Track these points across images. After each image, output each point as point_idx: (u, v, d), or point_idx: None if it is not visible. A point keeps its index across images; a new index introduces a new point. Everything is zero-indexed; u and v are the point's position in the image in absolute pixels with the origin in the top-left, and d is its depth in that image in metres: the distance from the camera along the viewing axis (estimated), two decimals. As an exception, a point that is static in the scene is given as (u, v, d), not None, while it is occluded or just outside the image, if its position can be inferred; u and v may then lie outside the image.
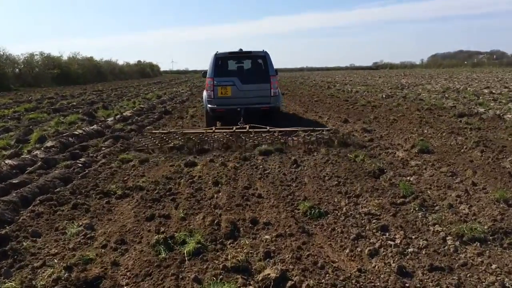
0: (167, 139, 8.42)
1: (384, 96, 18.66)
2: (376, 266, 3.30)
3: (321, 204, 4.70)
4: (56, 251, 3.67)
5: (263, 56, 10.38)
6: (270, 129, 8.93)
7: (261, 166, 6.50)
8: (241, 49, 10.63)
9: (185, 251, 3.51)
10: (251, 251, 3.55)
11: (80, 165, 6.48)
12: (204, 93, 10.75)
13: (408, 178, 5.62)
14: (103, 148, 7.83)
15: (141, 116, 13.11)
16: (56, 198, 4.96)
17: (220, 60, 10.42)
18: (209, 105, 10.16)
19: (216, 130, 9.03)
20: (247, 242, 3.73)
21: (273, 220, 4.23)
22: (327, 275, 3.17)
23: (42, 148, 7.52)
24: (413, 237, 3.81)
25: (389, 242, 3.68)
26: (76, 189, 5.42)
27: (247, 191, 5.27)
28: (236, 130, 8.85)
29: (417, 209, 4.40)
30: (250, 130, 8.97)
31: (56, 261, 3.46)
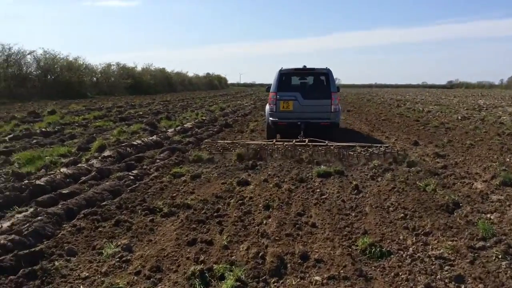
0: (229, 148, 8.75)
1: (459, 117, 17.31)
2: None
3: (384, 240, 4.10)
4: (87, 274, 3.40)
5: (326, 73, 10.69)
6: (329, 143, 8.94)
7: (318, 190, 5.98)
8: (304, 66, 10.83)
9: (222, 288, 3.10)
10: (297, 295, 3.06)
11: (131, 177, 6.34)
12: (267, 107, 11.00)
13: (488, 215, 4.83)
14: (158, 161, 7.69)
15: (201, 128, 13.05)
16: (100, 212, 4.78)
17: (284, 76, 10.77)
18: (270, 118, 10.49)
19: (276, 142, 9.14)
20: (293, 283, 3.25)
21: (326, 256, 3.71)
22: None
23: (100, 158, 7.53)
24: (497, 294, 3.12)
25: (466, 298, 3.03)
26: (123, 203, 5.22)
27: (299, 218, 4.78)
28: (296, 143, 8.96)
29: (500, 256, 3.66)
30: (309, 143, 8.99)
31: None
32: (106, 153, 7.81)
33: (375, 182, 6.51)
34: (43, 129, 11.24)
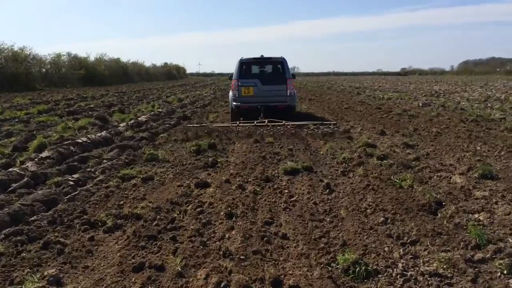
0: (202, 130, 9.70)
1: (420, 104, 17.21)
2: None
3: (367, 255, 3.50)
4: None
5: (281, 62, 12.11)
6: (285, 123, 10.17)
7: (286, 191, 5.35)
8: (262, 55, 12.32)
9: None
10: None
11: (71, 182, 5.47)
12: (230, 93, 12.37)
13: (476, 216, 4.35)
14: (105, 161, 6.83)
15: (157, 122, 12.14)
16: (27, 231, 3.93)
17: (244, 65, 12.06)
18: (234, 103, 11.82)
19: (240, 124, 10.23)
20: (265, 322, 2.60)
21: (303, 281, 3.06)
22: None
23: (36, 159, 6.57)
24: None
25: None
26: (58, 217, 4.38)
27: (268, 228, 4.13)
28: (257, 124, 10.23)
29: (505, 272, 3.13)
30: (268, 124, 10.20)
31: None
32: (45, 153, 6.85)
33: (347, 178, 5.96)
34: (-24, 127, 10.02)
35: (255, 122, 10.43)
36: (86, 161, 6.85)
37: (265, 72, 13.01)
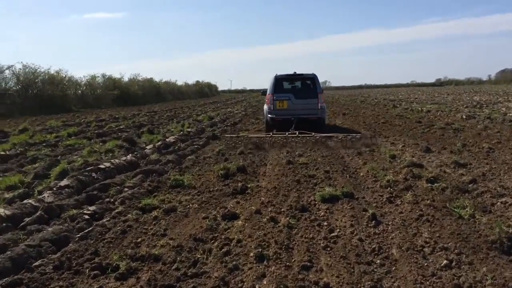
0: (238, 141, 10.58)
1: (464, 116, 16.12)
2: None
3: (434, 315, 2.78)
4: None
5: (312, 78, 13.13)
6: (315, 134, 10.64)
7: (325, 223, 4.66)
8: (295, 72, 13.27)
9: None
10: None
11: (87, 216, 4.98)
12: (265, 106, 13.57)
13: None
14: (126, 189, 6.33)
15: (185, 142, 11.69)
16: (28, 281, 3.42)
17: (279, 80, 13.16)
18: (269, 115, 12.87)
19: (273, 135, 10.96)
20: None
21: None
22: None
23: (54, 189, 6.15)
24: None
25: None
26: (66, 260, 3.86)
27: (306, 274, 3.46)
28: (288, 135, 10.84)
29: None
30: (299, 135, 10.78)
31: None
32: (64, 182, 6.43)
33: (395, 206, 5.22)
34: (3, 152, 9.81)
35: (287, 133, 11.12)
36: (107, 189, 6.38)
37: (298, 87, 14.17)
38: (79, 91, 44.49)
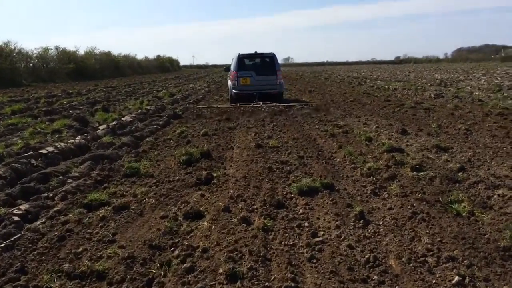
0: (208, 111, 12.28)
1: (432, 95, 15.82)
2: None
3: None
4: None
5: (271, 56, 14.81)
6: (276, 104, 13.00)
7: (306, 224, 3.97)
8: (256, 51, 14.85)
9: None
10: None
11: (16, 218, 4.06)
12: (229, 82, 15.30)
13: None
14: (70, 180, 5.40)
15: (143, 122, 10.70)
16: None
17: (241, 59, 14.79)
18: (233, 90, 14.43)
19: (240, 105, 12.87)
20: None
21: None
22: None
23: (-18, 180, 5.15)
24: None
25: None
26: (-20, 282, 2.99)
27: (291, 300, 2.75)
28: (254, 105, 12.86)
29: None
30: (263, 105, 12.95)
31: None
32: (-6, 172, 5.42)
33: (382, 201, 4.59)
34: None
35: (252, 104, 13.09)
36: (47, 180, 5.43)
37: (258, 65, 15.32)
38: (30, 64, 41.79)
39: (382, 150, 6.79)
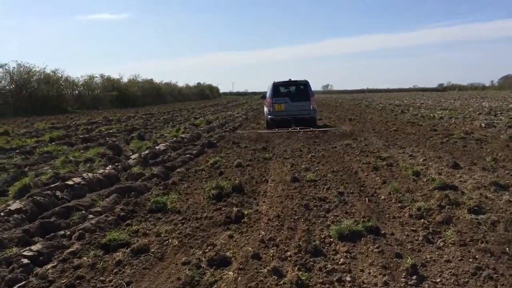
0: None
1: (483, 125, 14.82)
2: None
3: None
4: None
5: (304, 83, 15.36)
6: (313, 129, 13.61)
7: (348, 279, 3.39)
8: (290, 79, 15.45)
9: None
10: None
11: (25, 260, 3.72)
12: (265, 109, 16.04)
13: None
14: (91, 216, 5.07)
15: (177, 151, 10.43)
16: None
17: (276, 86, 15.32)
18: (269, 116, 15.18)
19: (278, 130, 13.57)
20: None
21: None
22: None
23: (2, 214, 4.90)
24: None
25: None
26: None
27: None
28: (290, 130, 13.62)
29: None
30: (300, 130, 13.55)
31: None
32: (15, 205, 5.17)
33: (437, 250, 3.95)
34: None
35: (290, 129, 13.88)
36: (69, 214, 5.12)
37: (292, 91, 15.83)
38: (76, 92, 43.37)
39: (433, 187, 6.11)
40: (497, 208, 5.11)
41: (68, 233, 4.45)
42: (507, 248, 3.84)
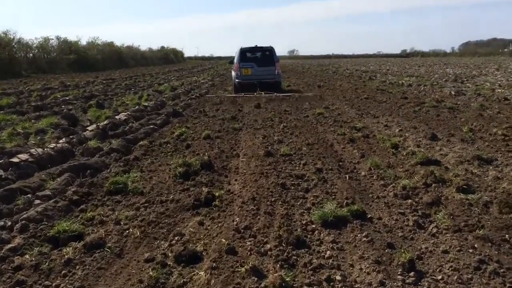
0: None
1: (453, 92, 14.70)
2: None
3: None
4: None
5: (270, 50, 16.23)
6: (275, 94, 14.17)
7: (338, 278, 2.95)
8: (256, 45, 16.29)
9: None
10: None
11: (-48, 263, 3.06)
12: (233, 73, 16.77)
13: None
14: (37, 201, 4.39)
15: (139, 121, 9.67)
16: None
17: (243, 52, 16.07)
18: (236, 80, 15.86)
19: (245, 95, 14.16)
20: None
21: None
22: None
23: None
24: None
25: None
26: None
27: None
28: (256, 94, 14.22)
29: None
30: (264, 94, 14.13)
31: None
32: None
33: (431, 238, 3.57)
34: None
35: (255, 93, 14.39)
36: (13, 199, 4.44)
37: (258, 57, 16.50)
38: (30, 55, 40.78)
39: (415, 162, 5.77)
40: (486, 186, 4.80)
41: (9, 223, 3.79)
42: (507, 235, 3.50)
